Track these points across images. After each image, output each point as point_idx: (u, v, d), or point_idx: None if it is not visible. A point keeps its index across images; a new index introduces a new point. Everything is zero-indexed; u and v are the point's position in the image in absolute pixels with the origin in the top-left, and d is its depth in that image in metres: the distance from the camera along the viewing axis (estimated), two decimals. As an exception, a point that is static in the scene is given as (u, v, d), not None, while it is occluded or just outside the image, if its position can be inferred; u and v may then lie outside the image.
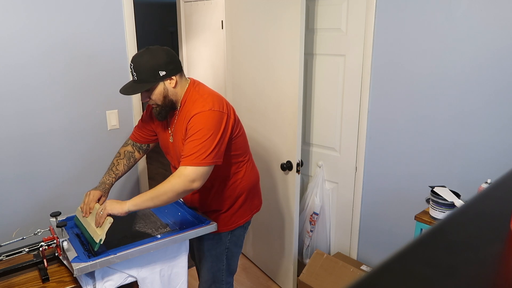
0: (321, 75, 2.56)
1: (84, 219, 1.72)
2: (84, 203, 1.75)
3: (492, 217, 0.48)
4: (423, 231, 1.62)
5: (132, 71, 1.64)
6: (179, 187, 1.57)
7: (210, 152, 1.59)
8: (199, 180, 1.59)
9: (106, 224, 1.55)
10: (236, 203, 1.86)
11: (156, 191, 1.59)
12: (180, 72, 1.70)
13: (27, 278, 1.58)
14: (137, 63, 1.63)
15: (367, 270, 2.36)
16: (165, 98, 1.68)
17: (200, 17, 3.45)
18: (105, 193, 1.81)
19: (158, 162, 5.41)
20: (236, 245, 1.92)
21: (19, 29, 2.03)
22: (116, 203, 1.60)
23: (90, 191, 1.78)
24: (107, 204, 1.60)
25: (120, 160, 1.93)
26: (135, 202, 1.59)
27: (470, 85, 1.95)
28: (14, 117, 2.09)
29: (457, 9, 1.92)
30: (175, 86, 1.68)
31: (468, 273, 0.38)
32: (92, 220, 1.64)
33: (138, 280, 1.65)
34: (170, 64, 1.65)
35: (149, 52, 1.65)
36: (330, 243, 2.78)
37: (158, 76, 1.63)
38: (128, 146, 1.98)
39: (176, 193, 1.58)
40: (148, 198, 1.59)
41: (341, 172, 2.60)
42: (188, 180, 1.57)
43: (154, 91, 1.65)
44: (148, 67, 1.61)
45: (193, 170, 1.58)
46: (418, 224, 2.03)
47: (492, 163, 1.93)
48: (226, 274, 1.94)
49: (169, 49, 1.69)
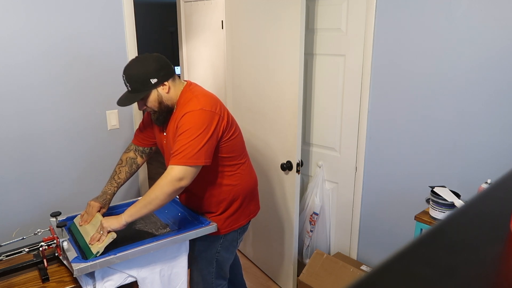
0: (321, 75, 2.56)
1: (83, 228, 1.73)
2: (86, 211, 1.79)
3: (492, 217, 0.48)
4: (423, 231, 1.62)
5: (125, 82, 1.66)
6: (168, 188, 1.58)
7: (198, 151, 1.58)
8: (186, 179, 1.59)
9: (108, 238, 1.55)
10: (231, 207, 1.84)
11: (148, 197, 1.60)
12: (172, 76, 1.71)
13: (27, 278, 1.58)
14: (128, 74, 1.65)
15: (367, 270, 2.36)
16: (160, 104, 1.69)
17: (200, 17, 3.45)
18: (105, 204, 1.83)
19: (158, 162, 5.41)
20: (227, 250, 1.90)
21: (19, 29, 2.03)
22: (112, 218, 1.62)
23: (90, 202, 1.80)
24: (103, 222, 1.60)
25: (122, 168, 1.94)
26: (130, 213, 1.61)
27: (470, 85, 1.95)
28: (14, 117, 2.09)
29: (457, 9, 1.92)
30: (168, 91, 1.69)
31: (468, 273, 0.38)
32: (92, 230, 1.66)
33: (138, 280, 1.65)
34: (160, 70, 1.66)
35: (138, 61, 1.66)
36: (330, 243, 2.78)
37: (150, 84, 1.64)
38: (130, 152, 1.98)
39: (167, 195, 1.59)
40: (141, 206, 1.60)
41: (341, 172, 2.60)
42: (175, 180, 1.57)
43: (148, 98, 1.67)
44: (139, 77, 1.63)
45: (179, 170, 1.58)
46: (418, 224, 2.03)
47: (492, 163, 1.93)
48: (216, 277, 1.93)
49: (158, 56, 1.69)
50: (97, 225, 1.66)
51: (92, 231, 1.65)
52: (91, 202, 1.81)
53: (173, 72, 1.72)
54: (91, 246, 1.57)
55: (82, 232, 1.71)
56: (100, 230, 1.60)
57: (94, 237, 1.60)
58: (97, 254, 1.52)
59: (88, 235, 1.64)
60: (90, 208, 1.78)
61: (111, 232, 1.58)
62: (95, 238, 1.59)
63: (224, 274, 1.97)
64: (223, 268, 1.95)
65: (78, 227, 1.76)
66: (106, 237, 1.56)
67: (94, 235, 1.60)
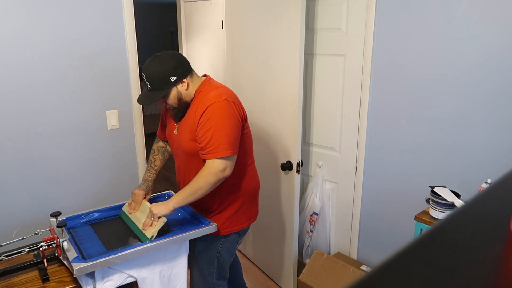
0: (321, 75, 2.56)
1: (133, 215, 1.85)
2: (133, 200, 1.89)
3: (492, 217, 0.48)
4: (423, 231, 1.62)
5: (145, 81, 1.70)
6: (212, 179, 1.66)
7: (233, 141, 1.67)
8: (228, 168, 1.68)
9: (160, 223, 1.67)
10: (232, 206, 1.85)
11: (192, 187, 1.68)
12: (190, 73, 1.74)
13: (27, 278, 1.58)
14: (148, 73, 1.68)
15: (367, 270, 2.36)
16: (179, 100, 1.74)
17: (200, 17, 3.45)
18: (148, 191, 1.94)
19: (158, 162, 5.41)
20: (228, 251, 1.91)
21: (19, 29, 2.03)
22: (161, 205, 1.70)
23: (135, 191, 1.91)
24: (153, 209, 1.69)
25: (156, 156, 2.04)
26: (177, 200, 1.69)
27: (470, 85, 1.95)
28: (14, 117, 2.09)
29: (457, 9, 1.92)
30: (187, 88, 1.73)
31: (468, 273, 0.38)
32: (142, 216, 1.77)
33: (138, 281, 1.65)
34: (178, 68, 1.69)
35: (157, 60, 1.69)
36: (330, 243, 2.78)
37: (170, 82, 1.68)
38: (159, 142, 2.07)
39: (211, 185, 1.67)
40: (187, 195, 1.68)
41: (341, 172, 2.60)
42: (219, 171, 1.66)
43: (168, 96, 1.72)
44: (159, 76, 1.67)
45: (220, 162, 1.65)
46: (418, 224, 2.03)
47: (492, 163, 1.93)
48: (217, 277, 1.94)
49: (175, 53, 1.73)
50: (146, 211, 1.75)
51: (142, 218, 1.76)
52: (136, 191, 1.91)
53: (190, 69, 1.76)
54: (145, 231, 1.68)
55: (133, 220, 1.82)
56: (150, 216, 1.69)
57: (146, 223, 1.70)
58: (151, 238, 1.64)
59: (140, 222, 1.75)
60: (136, 197, 1.88)
61: (161, 217, 1.67)
62: (147, 223, 1.69)
63: (225, 274, 1.98)
64: (224, 269, 1.95)
65: (128, 215, 1.87)
66: (157, 222, 1.67)
67: (146, 221, 1.70)
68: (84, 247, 1.64)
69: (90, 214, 1.91)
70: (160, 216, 1.68)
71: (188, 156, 1.79)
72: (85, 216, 1.90)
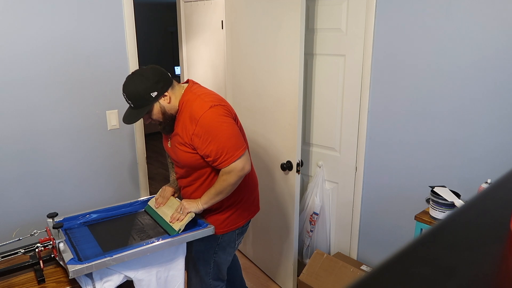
0: (321, 75, 2.56)
1: (159, 209, 1.93)
2: (160, 195, 1.97)
3: (492, 217, 0.48)
4: (423, 231, 1.62)
5: (127, 100, 1.68)
6: (233, 179, 1.70)
7: (236, 141, 1.68)
8: (246, 164, 1.71)
9: (188, 217, 1.75)
10: (230, 206, 1.85)
11: (217, 189, 1.73)
12: (171, 85, 1.72)
13: (27, 278, 1.58)
14: (128, 92, 1.67)
15: (367, 270, 2.36)
16: (164, 114, 1.73)
17: (200, 17, 3.45)
18: (177, 190, 2.02)
19: (158, 162, 5.41)
20: (224, 251, 1.91)
21: (18, 29, 2.03)
22: (192, 202, 1.78)
23: (165, 187, 2.01)
24: (185, 204, 1.77)
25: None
26: (204, 200, 1.76)
27: (470, 86, 1.95)
28: (14, 117, 2.09)
29: (457, 9, 1.92)
30: (170, 101, 1.72)
31: (468, 273, 0.38)
32: (169, 211, 1.85)
33: (134, 282, 1.65)
34: (158, 83, 1.67)
35: (135, 77, 1.67)
36: (330, 243, 2.78)
37: (152, 98, 1.67)
38: None
39: (234, 185, 1.73)
40: (213, 196, 1.74)
41: (341, 172, 2.60)
42: (238, 171, 1.69)
43: (152, 111, 1.71)
44: (140, 93, 1.65)
45: (236, 164, 1.67)
46: (418, 224, 2.03)
47: (492, 163, 1.93)
48: (213, 278, 1.94)
49: (154, 67, 1.71)
50: (173, 206, 1.86)
51: (169, 212, 1.84)
52: (166, 187, 2.01)
53: (171, 81, 1.73)
54: (172, 224, 1.75)
55: (160, 213, 1.89)
56: (180, 210, 1.76)
57: (174, 216, 1.77)
58: (179, 231, 1.72)
59: (167, 215, 1.83)
60: (164, 192, 1.98)
61: (190, 213, 1.74)
62: (175, 217, 1.76)
63: (222, 276, 1.98)
64: (221, 270, 1.95)
65: (155, 209, 1.94)
66: (185, 217, 1.74)
67: (174, 215, 1.77)
68: (80, 248, 1.63)
69: (87, 215, 1.91)
70: (189, 212, 1.74)
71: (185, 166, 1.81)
72: (82, 217, 1.89)
